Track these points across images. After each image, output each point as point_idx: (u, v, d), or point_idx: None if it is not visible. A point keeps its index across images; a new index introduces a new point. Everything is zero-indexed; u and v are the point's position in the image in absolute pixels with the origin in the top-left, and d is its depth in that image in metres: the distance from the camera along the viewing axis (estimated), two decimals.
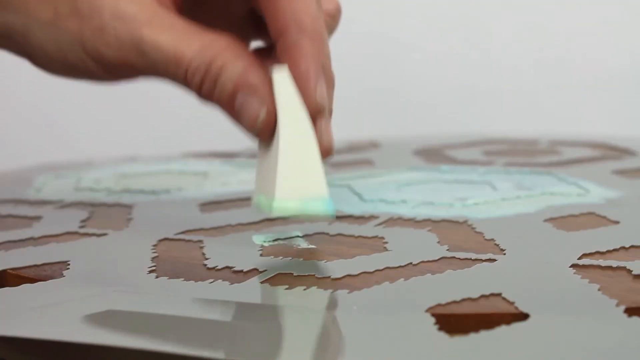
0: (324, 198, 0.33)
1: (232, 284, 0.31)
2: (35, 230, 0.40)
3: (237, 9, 0.38)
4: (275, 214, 0.33)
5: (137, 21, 0.34)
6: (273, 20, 0.35)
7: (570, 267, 0.32)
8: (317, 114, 0.34)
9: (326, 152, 0.34)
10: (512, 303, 0.28)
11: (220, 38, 0.34)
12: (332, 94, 0.35)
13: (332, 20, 0.39)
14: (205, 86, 0.34)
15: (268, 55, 0.36)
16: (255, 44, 0.39)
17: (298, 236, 0.37)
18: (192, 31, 0.35)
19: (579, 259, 0.32)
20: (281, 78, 0.34)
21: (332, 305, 0.29)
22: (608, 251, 0.33)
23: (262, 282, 0.31)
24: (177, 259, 0.35)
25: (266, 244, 0.36)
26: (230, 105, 0.34)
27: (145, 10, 0.35)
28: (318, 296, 0.29)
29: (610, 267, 0.32)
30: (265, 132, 0.34)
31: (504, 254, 0.34)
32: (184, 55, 0.34)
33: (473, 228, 0.38)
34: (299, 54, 0.34)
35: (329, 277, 0.31)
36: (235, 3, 0.38)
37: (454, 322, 0.27)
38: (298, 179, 0.33)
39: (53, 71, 0.38)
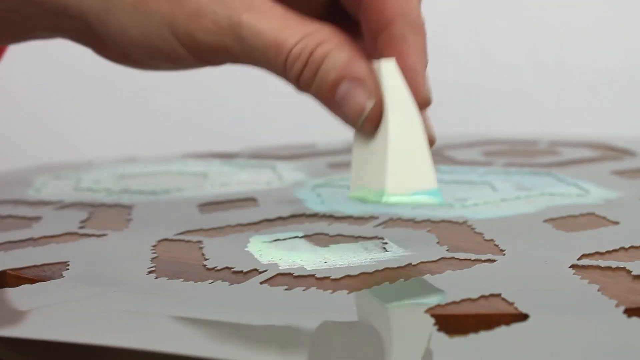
0: (434, 190, 0.33)
1: (231, 284, 0.31)
2: (35, 231, 0.40)
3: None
4: (386, 204, 0.33)
5: (237, 6, 0.33)
6: (377, 12, 0.34)
7: (570, 267, 0.32)
8: (425, 106, 0.34)
9: (432, 142, 0.34)
10: (512, 303, 0.28)
11: (323, 27, 0.34)
12: None
13: None
14: (304, 75, 0.33)
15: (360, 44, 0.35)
16: None
17: (297, 237, 0.37)
18: (294, 19, 0.34)
19: (578, 259, 0.32)
20: (390, 69, 0.33)
21: (331, 306, 0.29)
22: (608, 252, 0.33)
23: (261, 283, 0.31)
24: (177, 259, 0.35)
25: (265, 245, 0.36)
26: (330, 96, 0.33)
27: None
28: (318, 297, 0.29)
29: (609, 268, 0.32)
30: (370, 124, 0.33)
31: (504, 254, 0.34)
32: (286, 41, 0.33)
33: (472, 228, 0.38)
34: (406, 46, 0.34)
35: (329, 277, 0.31)
36: None
37: (454, 322, 0.27)
38: (408, 173, 0.33)
39: (128, 60, 0.36)
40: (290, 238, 0.37)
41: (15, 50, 0.48)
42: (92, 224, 0.41)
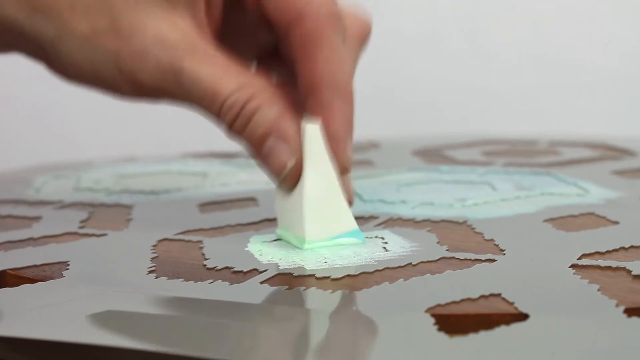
0: (354, 231, 0.35)
1: (231, 284, 0.31)
2: (35, 231, 0.40)
3: (264, 42, 0.38)
4: (308, 249, 0.35)
5: (179, 50, 0.34)
6: (306, 75, 0.35)
7: (570, 267, 0.32)
8: (345, 169, 0.36)
9: (349, 202, 0.36)
10: (512, 303, 0.28)
11: (258, 79, 0.35)
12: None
13: (362, 44, 0.39)
14: (237, 123, 0.35)
15: (290, 91, 0.36)
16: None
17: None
18: (232, 67, 0.35)
19: (578, 259, 0.32)
20: (313, 133, 0.35)
21: (331, 306, 0.29)
22: (607, 251, 0.33)
23: (261, 283, 0.31)
24: (177, 259, 0.35)
25: (265, 245, 0.36)
26: (259, 147, 0.35)
27: (187, 39, 0.35)
28: (317, 297, 0.29)
29: (609, 268, 0.32)
30: (290, 181, 0.35)
31: (504, 254, 0.34)
32: (222, 90, 0.34)
33: (472, 228, 0.38)
34: (331, 114, 0.35)
35: (329, 277, 0.31)
36: (261, 36, 0.38)
37: (454, 322, 0.27)
38: (325, 222, 0.35)
39: (76, 81, 0.38)
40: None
41: None
42: (92, 224, 0.41)
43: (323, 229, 0.35)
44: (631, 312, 0.27)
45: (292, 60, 0.36)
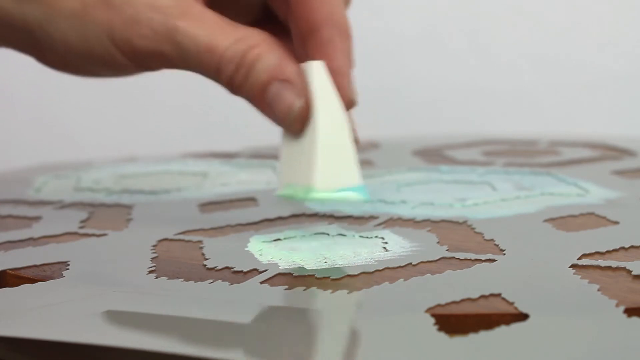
0: (359, 186, 0.35)
1: (231, 284, 0.31)
2: (35, 231, 0.40)
3: (252, 2, 0.39)
4: (312, 200, 0.34)
5: (173, 12, 0.35)
6: (305, 17, 0.36)
7: (570, 267, 0.32)
8: (350, 106, 0.36)
9: (357, 141, 0.36)
10: (512, 303, 0.28)
11: (255, 31, 0.35)
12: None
13: None
14: (237, 77, 0.35)
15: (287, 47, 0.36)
16: None
17: (297, 236, 0.37)
18: (227, 24, 0.35)
19: (578, 259, 0.33)
20: (318, 71, 0.35)
21: (331, 306, 0.29)
22: (608, 251, 0.33)
23: (261, 283, 0.31)
24: (177, 259, 0.35)
25: (265, 245, 0.36)
26: (262, 97, 0.35)
27: (180, 2, 0.35)
28: (318, 297, 0.29)
29: (610, 268, 0.32)
30: (299, 123, 0.35)
31: (504, 254, 0.34)
32: (219, 45, 0.34)
33: (472, 228, 0.38)
34: (333, 50, 0.35)
35: (329, 277, 0.31)
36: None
37: (454, 322, 0.27)
38: (335, 170, 0.34)
39: (68, 67, 0.37)
40: (290, 238, 0.37)
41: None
42: (92, 224, 0.41)
43: (332, 178, 0.34)
44: (631, 312, 0.27)
45: (286, 10, 0.36)
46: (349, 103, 0.36)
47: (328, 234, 0.37)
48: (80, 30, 0.35)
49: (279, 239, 0.37)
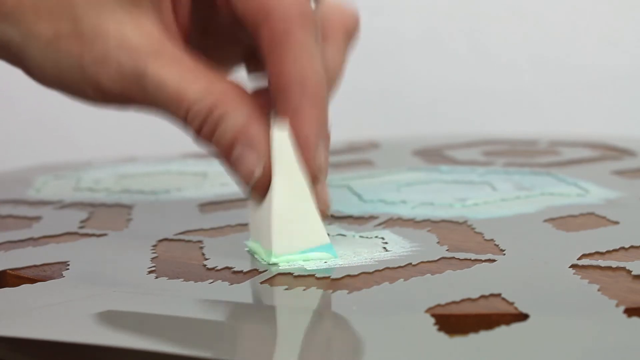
0: (325, 245, 0.34)
1: (231, 284, 0.31)
2: (35, 231, 0.40)
3: (241, 44, 0.37)
4: (275, 263, 0.33)
5: (142, 53, 0.33)
6: (274, 77, 0.33)
7: (570, 267, 0.32)
8: (315, 178, 0.34)
9: (324, 213, 0.34)
10: (512, 303, 0.28)
11: (226, 82, 0.34)
12: (328, 154, 0.34)
13: (350, 37, 0.38)
14: (204, 130, 0.33)
15: (268, 95, 0.35)
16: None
17: None
18: (198, 70, 0.33)
19: (578, 259, 0.32)
20: (281, 136, 0.33)
21: (331, 306, 0.29)
22: (608, 251, 0.33)
23: (261, 283, 0.31)
24: (177, 259, 0.35)
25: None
26: (228, 154, 0.33)
27: (152, 41, 0.34)
28: (318, 297, 0.29)
29: (609, 268, 0.32)
30: (260, 189, 0.33)
31: (504, 254, 0.34)
32: (187, 96, 0.33)
33: (473, 228, 0.38)
34: (301, 119, 0.33)
35: (329, 277, 0.31)
36: (239, 38, 0.37)
37: (454, 322, 0.27)
38: (295, 232, 0.33)
39: (49, 86, 0.37)
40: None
41: None
42: (92, 224, 0.41)
43: (292, 242, 0.33)
44: (631, 312, 0.27)
45: (264, 66, 0.34)
46: (313, 174, 0.33)
47: (328, 234, 0.37)
48: (53, 58, 0.34)
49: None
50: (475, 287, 0.29)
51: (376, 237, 0.37)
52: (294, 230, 0.33)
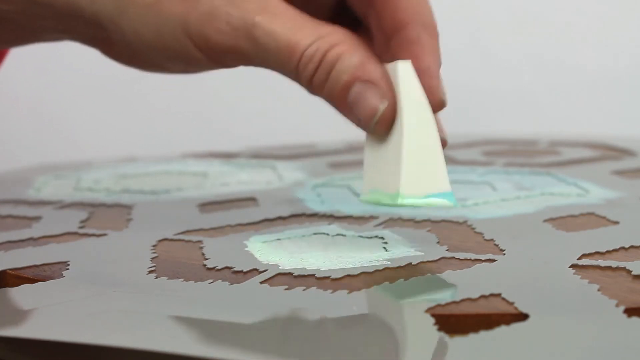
0: (447, 192, 0.33)
1: (231, 284, 0.31)
2: (35, 231, 0.40)
3: (325, 3, 0.37)
4: (399, 206, 0.33)
5: (251, 8, 0.33)
6: (390, 14, 0.34)
7: (570, 267, 0.32)
8: (439, 108, 0.34)
9: (444, 143, 0.34)
10: (512, 303, 0.28)
11: (336, 29, 0.34)
12: None
13: None
14: (317, 77, 0.33)
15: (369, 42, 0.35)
16: None
17: (297, 236, 0.37)
18: (307, 21, 0.34)
19: (578, 259, 0.32)
20: (406, 71, 0.33)
21: (331, 305, 0.29)
22: (608, 251, 0.33)
23: (261, 283, 0.31)
24: (177, 259, 0.35)
25: (265, 245, 0.36)
26: (343, 98, 0.33)
27: None
28: (318, 297, 0.29)
29: (609, 268, 0.32)
30: (383, 127, 0.33)
31: (504, 254, 0.34)
32: (299, 43, 0.33)
33: (472, 228, 0.38)
34: (421, 49, 0.34)
35: (329, 277, 0.31)
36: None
37: (454, 322, 0.27)
38: (422, 175, 0.33)
39: (136, 60, 0.36)
40: (290, 238, 0.37)
41: (15, 50, 0.48)
42: (92, 224, 0.41)
43: (419, 183, 0.33)
44: (631, 312, 0.27)
45: (369, 7, 0.35)
46: (438, 104, 0.34)
47: (328, 234, 0.37)
48: (153, 24, 0.34)
49: (279, 239, 0.37)
50: (475, 287, 0.29)
51: (376, 237, 0.37)
52: (421, 171, 0.33)
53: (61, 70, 0.97)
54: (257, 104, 1.01)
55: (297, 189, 0.48)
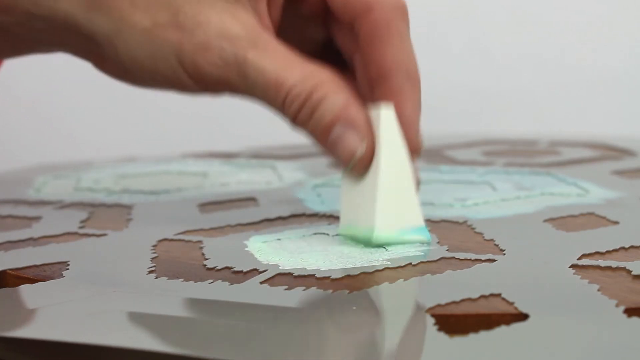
0: (420, 227, 0.35)
1: (231, 284, 0.31)
2: (35, 231, 0.40)
3: (316, 36, 0.39)
4: (375, 244, 0.34)
5: (243, 42, 0.35)
6: (376, 61, 0.36)
7: (570, 267, 0.32)
8: (416, 154, 0.36)
9: (418, 183, 0.37)
10: (512, 303, 0.28)
11: (323, 69, 0.35)
12: None
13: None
14: (301, 114, 0.35)
15: (353, 84, 0.37)
16: None
17: (297, 237, 0.37)
18: (295, 59, 0.35)
19: (578, 259, 0.32)
20: (387, 115, 0.35)
21: (331, 305, 0.29)
22: (607, 251, 0.33)
23: (261, 283, 0.31)
24: (177, 259, 0.35)
25: (265, 245, 0.36)
26: (325, 137, 0.35)
27: (250, 31, 0.35)
28: (318, 297, 0.29)
29: (609, 268, 0.32)
30: (361, 167, 0.35)
31: (504, 254, 0.34)
32: (286, 81, 0.34)
33: (473, 228, 0.38)
34: (403, 98, 0.36)
35: (329, 277, 0.31)
36: (314, 30, 0.39)
37: (454, 322, 0.27)
38: (396, 212, 0.35)
39: (129, 77, 0.37)
40: (290, 238, 0.37)
41: None
42: (92, 224, 0.41)
43: (393, 221, 0.34)
44: (631, 312, 0.27)
45: (356, 51, 0.37)
46: (415, 150, 0.36)
47: (328, 234, 0.37)
48: (148, 49, 0.35)
49: (279, 239, 0.37)
50: (475, 287, 0.29)
51: None
52: (395, 208, 0.35)
53: (61, 70, 0.97)
54: (257, 104, 1.01)
55: (297, 189, 0.48)
